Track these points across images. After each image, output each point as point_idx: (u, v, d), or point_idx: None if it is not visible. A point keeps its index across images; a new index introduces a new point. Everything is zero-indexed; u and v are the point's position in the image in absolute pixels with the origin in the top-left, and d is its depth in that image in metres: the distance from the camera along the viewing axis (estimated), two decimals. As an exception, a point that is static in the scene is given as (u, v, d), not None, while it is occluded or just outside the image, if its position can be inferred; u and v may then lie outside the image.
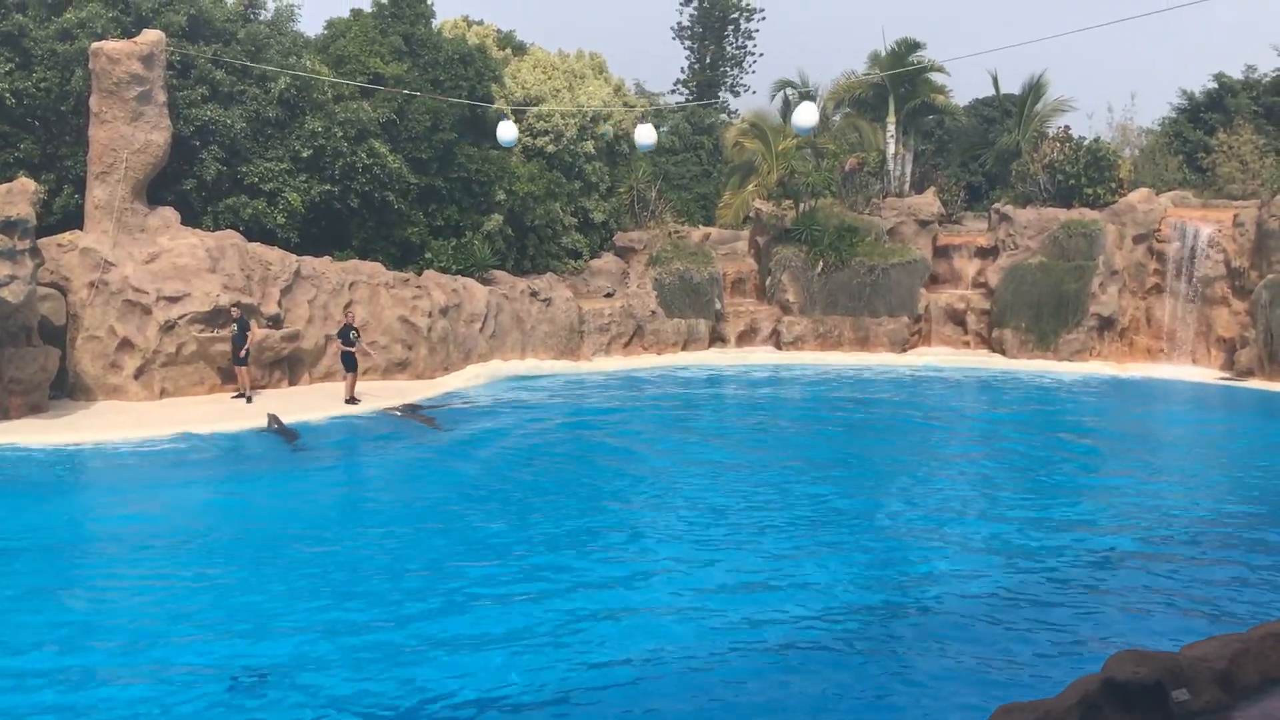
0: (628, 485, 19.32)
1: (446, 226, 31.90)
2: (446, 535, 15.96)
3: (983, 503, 18.12)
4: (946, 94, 42.38)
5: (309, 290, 27.44)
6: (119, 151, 25.12)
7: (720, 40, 58.13)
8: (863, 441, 23.19)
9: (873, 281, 34.08)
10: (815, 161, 37.54)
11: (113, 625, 12.33)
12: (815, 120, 22.99)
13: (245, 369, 25.21)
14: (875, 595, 13.61)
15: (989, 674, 11.22)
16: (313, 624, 12.27)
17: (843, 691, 10.88)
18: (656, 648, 11.71)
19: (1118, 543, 15.83)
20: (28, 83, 25.72)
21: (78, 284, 24.65)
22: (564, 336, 31.87)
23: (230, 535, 15.82)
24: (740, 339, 34.94)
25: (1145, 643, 10.88)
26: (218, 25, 28.27)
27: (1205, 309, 31.60)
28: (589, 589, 13.63)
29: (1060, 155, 35.37)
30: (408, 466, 20.67)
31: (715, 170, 45.11)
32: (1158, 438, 23.44)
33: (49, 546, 15.33)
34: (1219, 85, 41.72)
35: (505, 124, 26.58)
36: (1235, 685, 6.51)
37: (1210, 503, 18.11)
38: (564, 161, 34.91)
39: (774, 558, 14.98)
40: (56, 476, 19.33)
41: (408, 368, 28.71)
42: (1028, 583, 14.03)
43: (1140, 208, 33.05)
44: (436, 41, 32.68)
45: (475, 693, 10.64)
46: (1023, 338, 32.89)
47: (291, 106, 28.69)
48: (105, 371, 24.64)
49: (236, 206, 27.62)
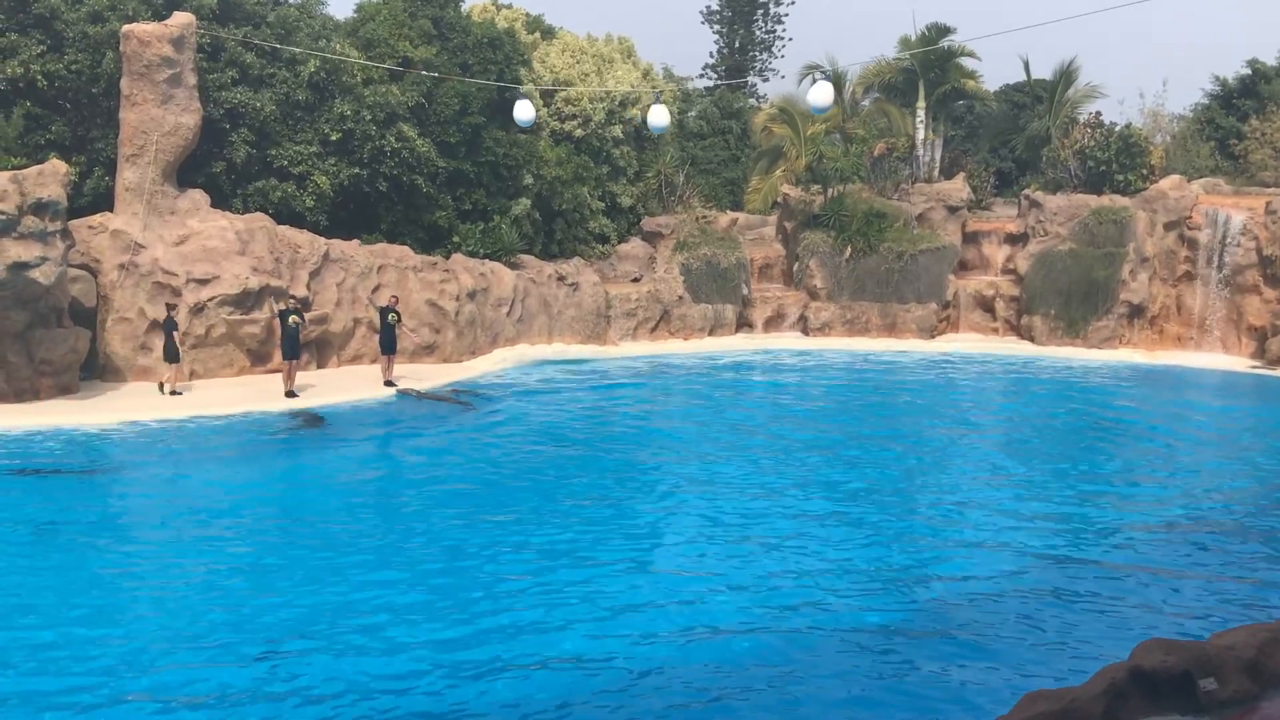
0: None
1: (474, 210, 31.94)
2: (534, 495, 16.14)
3: (1010, 487, 18.07)
4: (977, 79, 42.02)
5: (337, 273, 27.55)
6: (149, 134, 25.26)
7: (749, 25, 57.82)
8: (896, 426, 23.19)
9: (901, 268, 33.93)
10: (844, 147, 37.36)
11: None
12: (829, 99, 22.60)
13: (295, 362, 24.43)
14: (898, 581, 13.61)
15: (1015, 660, 11.20)
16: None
17: (867, 672, 10.89)
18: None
19: (1146, 531, 15.77)
20: (59, 65, 25.87)
21: (108, 266, 24.82)
22: (591, 321, 31.88)
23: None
24: (767, 324, 34.86)
25: (1173, 631, 10.85)
26: (248, 8, 28.37)
27: (1236, 297, 31.35)
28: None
29: (1091, 141, 35.13)
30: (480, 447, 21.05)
31: (743, 155, 44.88)
32: (1188, 426, 23.29)
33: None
34: (1252, 71, 41.25)
35: (522, 103, 26.31)
36: (1263, 674, 6.47)
37: (1240, 492, 18.01)
38: (592, 146, 34.86)
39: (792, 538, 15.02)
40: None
41: (435, 351, 28.79)
42: (1054, 570, 14.00)
43: (1171, 195, 32.77)
44: (465, 25, 32.66)
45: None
46: (1052, 325, 32.69)
47: (321, 90, 28.76)
48: (135, 353, 24.82)
49: (266, 189, 27.73)
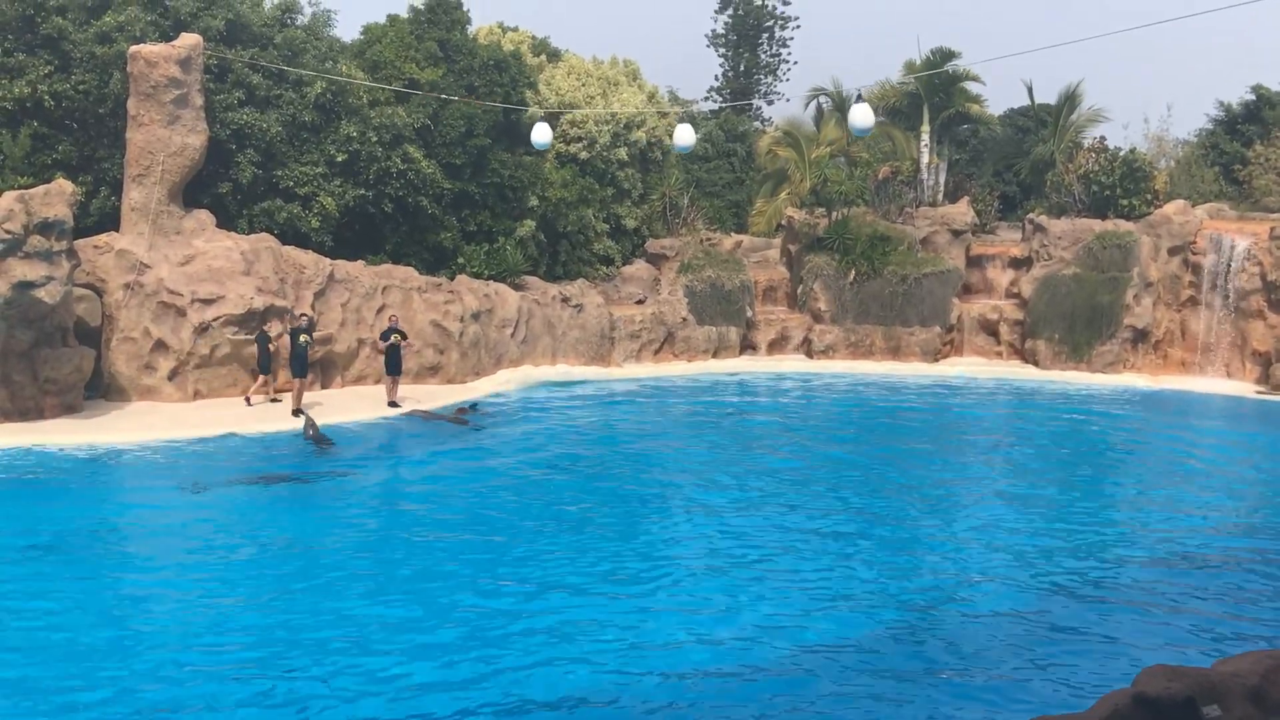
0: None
1: (479, 232, 32.02)
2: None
3: (1015, 511, 18.03)
4: (981, 103, 42.21)
5: (342, 294, 27.59)
6: (156, 154, 25.35)
7: (754, 48, 58.11)
8: (897, 449, 23.14)
9: (905, 291, 33.94)
10: (848, 170, 37.46)
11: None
12: (871, 121, 22.82)
13: (302, 381, 24.45)
14: (904, 606, 13.57)
15: (1019, 687, 11.16)
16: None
17: (869, 696, 10.86)
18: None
19: (1150, 556, 15.72)
20: (66, 85, 25.99)
21: (113, 285, 24.88)
22: (595, 343, 31.90)
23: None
24: (771, 347, 34.87)
25: (1177, 658, 10.80)
26: (255, 30, 28.50)
27: (1240, 322, 31.32)
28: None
29: (1095, 166, 35.17)
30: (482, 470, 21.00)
31: (748, 178, 45.01)
32: (1192, 452, 23.22)
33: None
34: (1256, 97, 41.37)
35: (540, 126, 26.31)
36: (1268, 701, 6.46)
37: (1244, 518, 17.97)
38: (597, 168, 34.96)
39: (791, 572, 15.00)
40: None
41: (439, 372, 28.80)
42: (1058, 595, 13.96)
43: (1176, 219, 32.79)
44: (471, 48, 32.81)
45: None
46: (1056, 349, 32.65)
47: (327, 111, 28.87)
48: (139, 373, 24.84)
49: (271, 210, 27.81)
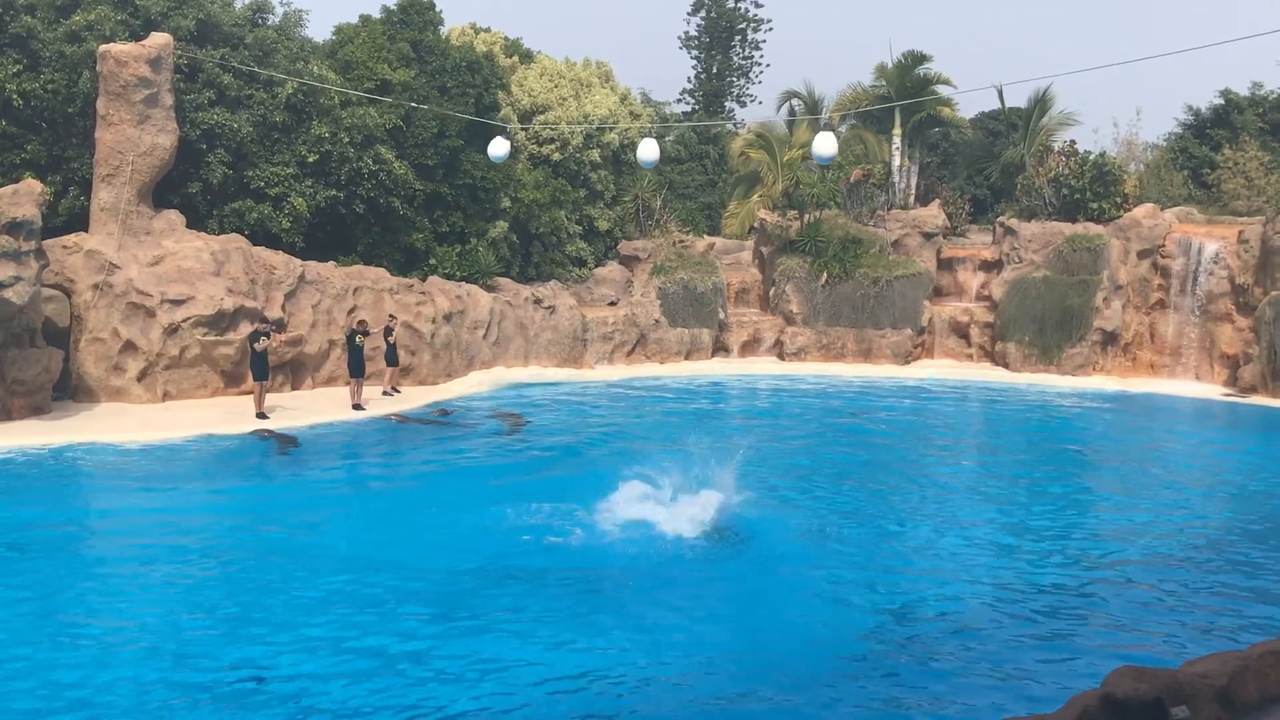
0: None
1: (451, 233, 31.94)
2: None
3: (984, 514, 18.11)
4: (953, 107, 42.44)
5: (313, 295, 27.46)
6: (125, 154, 25.17)
7: (727, 50, 58.27)
8: (870, 453, 23.21)
9: (876, 293, 34.06)
10: (820, 173, 37.60)
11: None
12: (835, 150, 23.08)
13: (264, 384, 24.01)
14: (873, 607, 13.59)
15: (987, 688, 11.20)
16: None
17: (843, 699, 10.87)
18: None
19: (1118, 558, 15.81)
20: (35, 84, 25.78)
21: (82, 286, 24.67)
22: (567, 344, 31.86)
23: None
24: (743, 349, 34.93)
25: (1145, 659, 10.86)
26: (226, 29, 28.33)
27: (1209, 325, 31.56)
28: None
29: (1065, 169, 35.41)
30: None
31: (720, 180, 45.17)
32: (1160, 453, 23.38)
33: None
34: (1225, 101, 41.77)
35: (498, 140, 27.02)
36: (1235, 703, 6.51)
37: (1211, 519, 18.08)
38: (569, 169, 34.97)
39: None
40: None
41: (410, 373, 28.69)
42: (1026, 597, 14.01)
43: (1145, 223, 33.02)
44: (444, 48, 32.74)
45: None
46: (1026, 351, 32.83)
47: (298, 111, 28.73)
48: (108, 374, 24.65)
49: (242, 210, 27.65)
